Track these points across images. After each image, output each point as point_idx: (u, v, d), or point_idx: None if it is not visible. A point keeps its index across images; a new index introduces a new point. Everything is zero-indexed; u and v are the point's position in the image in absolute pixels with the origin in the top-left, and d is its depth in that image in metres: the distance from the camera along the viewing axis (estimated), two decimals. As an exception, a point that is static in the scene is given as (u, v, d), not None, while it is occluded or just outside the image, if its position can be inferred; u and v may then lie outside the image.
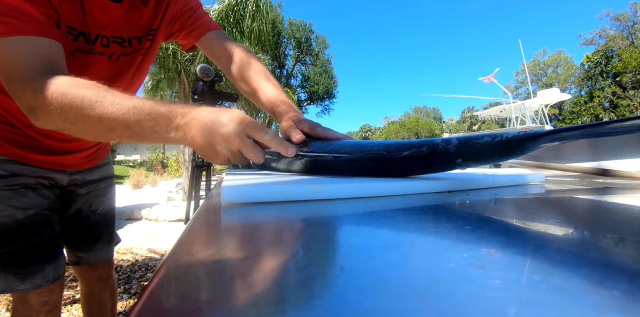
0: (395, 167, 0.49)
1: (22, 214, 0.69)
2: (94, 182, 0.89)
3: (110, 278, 0.99)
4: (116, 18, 0.62)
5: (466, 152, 0.43)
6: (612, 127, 0.35)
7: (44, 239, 0.72)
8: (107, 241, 0.95)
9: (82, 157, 0.82)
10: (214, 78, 1.81)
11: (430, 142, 0.46)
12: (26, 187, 0.70)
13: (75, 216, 0.87)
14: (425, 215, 0.33)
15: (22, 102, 0.47)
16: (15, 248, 0.68)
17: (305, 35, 19.53)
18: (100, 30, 0.61)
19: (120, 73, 0.69)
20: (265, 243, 0.23)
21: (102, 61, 0.64)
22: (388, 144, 0.50)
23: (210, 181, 2.17)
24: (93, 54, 0.62)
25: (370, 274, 0.16)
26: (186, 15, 0.75)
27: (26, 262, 0.69)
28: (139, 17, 0.67)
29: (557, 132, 0.37)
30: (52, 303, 0.73)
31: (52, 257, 0.73)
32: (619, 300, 0.13)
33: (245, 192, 0.37)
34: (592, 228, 0.28)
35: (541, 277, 0.15)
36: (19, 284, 0.68)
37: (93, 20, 0.59)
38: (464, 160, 0.44)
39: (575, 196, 0.51)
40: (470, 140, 0.43)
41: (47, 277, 0.71)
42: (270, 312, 0.12)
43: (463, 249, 0.20)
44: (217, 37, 0.77)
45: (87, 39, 0.60)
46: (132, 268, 2.38)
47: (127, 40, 0.66)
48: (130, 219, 4.47)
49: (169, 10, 0.71)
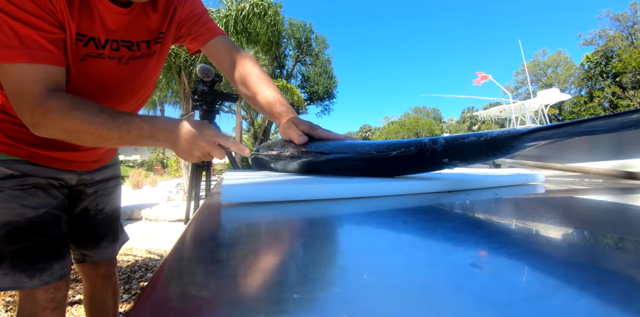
0: (385, 167, 0.50)
1: (33, 213, 0.71)
2: (101, 182, 0.91)
3: (113, 276, 1.01)
4: (125, 23, 0.64)
5: (453, 151, 0.43)
6: (592, 125, 0.34)
7: (53, 237, 0.74)
8: (112, 239, 0.96)
9: (92, 156, 0.84)
10: (213, 78, 1.81)
11: (419, 142, 0.46)
12: (36, 187, 0.72)
13: (82, 215, 0.89)
14: (425, 215, 0.33)
15: (27, 120, 0.55)
16: (26, 246, 0.70)
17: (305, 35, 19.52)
18: (109, 35, 0.63)
19: (131, 76, 0.71)
20: (265, 243, 0.23)
21: (112, 65, 0.66)
22: (379, 144, 0.51)
23: (210, 181, 2.17)
24: (103, 58, 0.64)
25: (370, 274, 0.16)
26: (193, 21, 0.77)
27: (35, 260, 0.71)
28: (148, 22, 0.68)
29: (537, 130, 0.37)
30: (58, 300, 0.75)
31: (59, 256, 0.75)
32: (619, 300, 0.13)
33: (244, 192, 0.37)
34: (592, 228, 0.28)
35: (541, 277, 0.15)
36: (28, 281, 0.70)
37: (103, 25, 0.61)
38: (451, 159, 0.44)
39: (575, 196, 0.51)
40: (457, 139, 0.43)
41: (55, 275, 0.73)
42: (270, 312, 0.12)
43: (463, 249, 0.20)
44: (222, 42, 0.81)
45: (97, 44, 0.62)
46: (132, 268, 2.38)
47: (135, 44, 0.68)
48: (130, 219, 4.47)
49: (176, 15, 0.73)
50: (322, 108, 21.35)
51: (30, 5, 0.51)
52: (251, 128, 17.38)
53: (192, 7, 0.76)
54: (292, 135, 0.62)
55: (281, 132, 0.67)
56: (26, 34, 0.51)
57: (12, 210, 0.69)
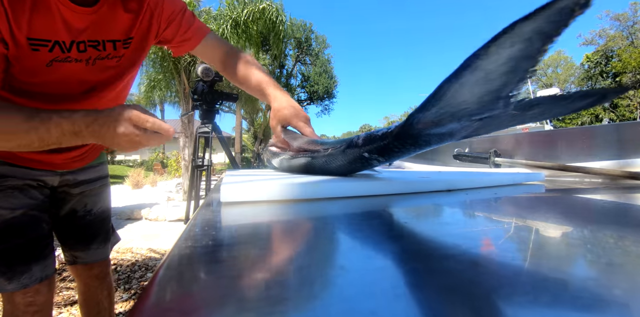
0: (330, 163, 0.51)
1: (10, 214, 0.70)
2: (88, 182, 0.89)
3: (107, 277, 0.99)
4: (91, 22, 0.61)
5: (369, 144, 0.43)
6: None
7: (30, 238, 0.72)
8: (103, 240, 0.95)
9: (71, 156, 0.82)
10: (213, 78, 1.81)
11: (350, 138, 0.47)
12: (14, 188, 0.71)
13: (71, 216, 0.88)
14: (425, 214, 0.33)
15: None
16: (3, 248, 0.69)
17: (305, 35, 19.50)
18: (75, 36, 0.60)
19: (97, 76, 0.68)
20: (265, 243, 0.23)
21: (80, 67, 0.63)
22: (331, 142, 0.53)
23: (210, 181, 2.17)
24: (69, 61, 0.61)
25: (370, 273, 0.16)
26: (175, 24, 0.73)
27: (13, 262, 0.69)
28: (117, 21, 0.65)
29: (417, 112, 0.34)
30: (39, 304, 0.73)
31: (39, 257, 0.73)
32: (619, 299, 0.13)
33: (244, 191, 0.37)
34: (592, 227, 0.28)
35: (541, 276, 0.15)
36: (7, 284, 0.69)
37: (66, 27, 0.58)
38: (370, 153, 0.43)
39: (575, 195, 0.51)
40: (373, 133, 0.43)
41: (35, 277, 0.72)
42: (270, 312, 0.12)
43: (463, 248, 0.20)
44: (209, 41, 0.79)
45: (62, 48, 0.59)
46: (132, 268, 2.38)
47: (101, 43, 0.64)
48: (130, 219, 4.47)
49: (153, 21, 0.69)
50: (322, 108, 21.33)
51: None
52: (251, 128, 17.38)
53: (170, 8, 0.72)
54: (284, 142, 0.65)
55: (272, 124, 0.70)
56: None
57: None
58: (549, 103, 0.30)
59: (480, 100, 0.30)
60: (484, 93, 0.29)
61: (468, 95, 0.30)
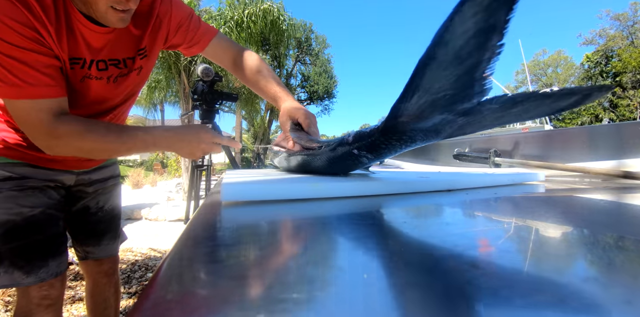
0: (320, 161, 0.52)
1: (30, 212, 0.74)
2: (101, 181, 0.95)
3: (115, 274, 1.03)
4: (108, 41, 0.66)
5: (359, 141, 0.44)
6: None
7: (48, 235, 0.77)
8: (112, 236, 1.00)
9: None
10: (213, 78, 1.81)
11: (343, 136, 0.48)
12: (34, 189, 0.76)
13: (84, 213, 0.93)
14: (425, 214, 0.33)
15: (40, 144, 0.61)
16: (23, 244, 0.73)
17: (305, 35, 19.49)
18: (94, 55, 0.65)
19: (119, 93, 0.75)
20: (264, 243, 0.23)
21: (101, 84, 0.69)
22: (325, 141, 0.54)
23: (210, 180, 2.17)
24: (90, 78, 0.67)
25: (370, 273, 0.16)
26: (183, 28, 0.79)
27: (32, 257, 0.74)
28: (131, 39, 0.70)
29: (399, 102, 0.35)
30: (52, 297, 0.77)
31: (56, 253, 0.78)
32: (619, 298, 0.13)
33: (244, 190, 0.37)
34: (591, 227, 0.28)
35: (541, 275, 0.15)
36: (24, 278, 0.73)
37: (87, 46, 0.63)
38: (359, 150, 0.44)
39: (575, 195, 0.51)
40: (363, 130, 0.44)
41: (51, 272, 0.76)
42: (269, 311, 0.12)
43: (463, 247, 0.20)
44: (217, 42, 0.84)
45: (83, 65, 0.65)
46: (132, 268, 2.38)
47: (122, 61, 0.70)
48: (130, 218, 4.47)
49: (162, 28, 0.74)
50: (322, 108, 21.32)
51: (24, 41, 0.53)
52: (251, 128, 17.38)
53: (179, 15, 0.77)
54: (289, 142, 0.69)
55: (281, 121, 0.74)
56: (25, 71, 0.54)
57: (9, 209, 0.72)
58: (532, 101, 0.30)
59: (456, 84, 0.30)
60: (458, 74, 0.29)
61: (444, 80, 0.30)
